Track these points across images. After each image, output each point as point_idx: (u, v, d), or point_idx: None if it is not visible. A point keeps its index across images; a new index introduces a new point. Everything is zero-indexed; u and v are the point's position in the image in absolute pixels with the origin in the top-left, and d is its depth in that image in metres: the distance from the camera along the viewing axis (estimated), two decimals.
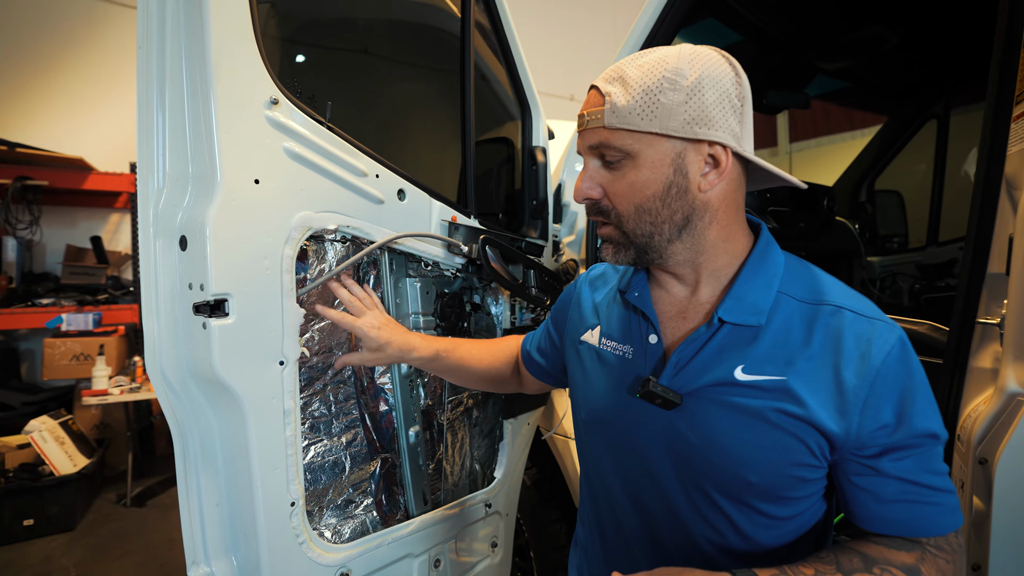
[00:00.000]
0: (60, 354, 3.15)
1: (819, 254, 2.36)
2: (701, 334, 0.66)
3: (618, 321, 0.76)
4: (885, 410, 0.59)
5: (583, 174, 0.67)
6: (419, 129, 1.57)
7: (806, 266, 0.70)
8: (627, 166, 0.64)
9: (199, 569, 0.82)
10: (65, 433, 2.97)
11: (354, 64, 1.35)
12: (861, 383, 0.59)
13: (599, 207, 0.67)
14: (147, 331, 0.81)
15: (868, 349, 0.59)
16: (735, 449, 0.62)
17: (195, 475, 0.83)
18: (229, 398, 0.81)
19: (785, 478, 0.62)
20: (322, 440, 0.99)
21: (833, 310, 0.63)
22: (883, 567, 0.57)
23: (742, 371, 0.63)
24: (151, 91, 0.80)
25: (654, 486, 0.70)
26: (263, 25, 0.90)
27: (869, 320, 0.62)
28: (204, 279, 0.78)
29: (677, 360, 0.67)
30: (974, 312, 0.86)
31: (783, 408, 0.60)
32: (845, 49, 1.91)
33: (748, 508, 0.65)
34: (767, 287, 0.65)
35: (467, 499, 1.26)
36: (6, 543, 2.63)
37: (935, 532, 0.60)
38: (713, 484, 0.65)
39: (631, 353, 0.72)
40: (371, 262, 1.09)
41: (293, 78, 0.97)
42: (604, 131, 0.63)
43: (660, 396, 0.65)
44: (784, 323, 0.63)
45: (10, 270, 3.51)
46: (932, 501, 0.60)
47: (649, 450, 0.70)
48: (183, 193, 0.81)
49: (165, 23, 0.79)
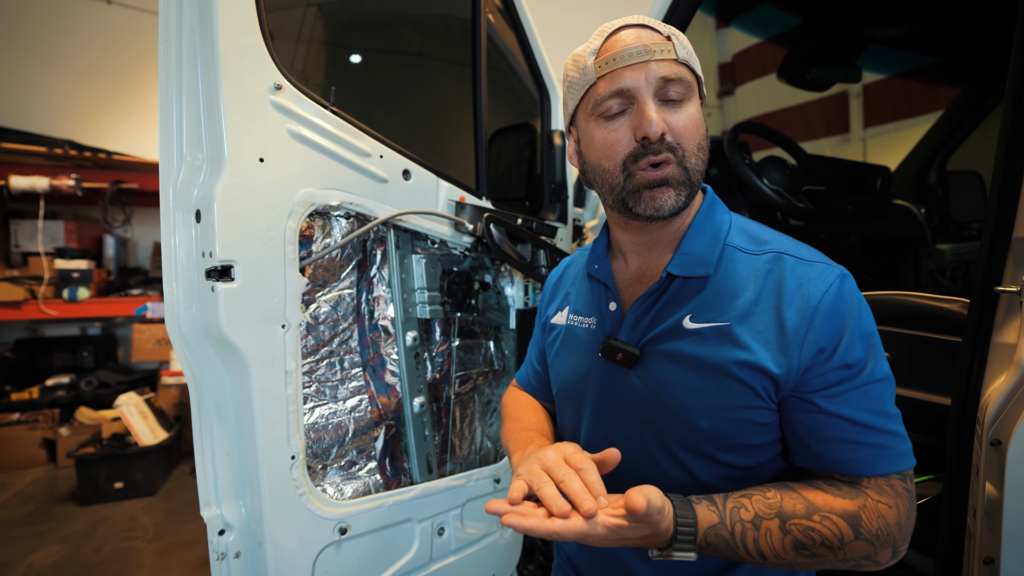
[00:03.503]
0: (145, 338, 3.53)
1: (873, 240, 2.18)
2: (653, 290, 0.68)
3: (584, 297, 0.79)
4: (823, 343, 0.59)
5: (648, 108, 0.62)
6: (443, 117, 1.63)
7: (752, 223, 0.71)
8: (688, 103, 0.64)
9: (211, 510, 0.92)
10: (148, 409, 3.33)
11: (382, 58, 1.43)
12: (801, 321, 0.60)
13: (667, 144, 0.63)
14: (167, 295, 0.91)
15: (807, 290, 0.61)
16: (685, 397, 0.63)
17: (209, 425, 0.93)
18: (236, 356, 0.90)
19: (735, 423, 0.62)
20: (327, 403, 1.06)
21: (775, 256, 0.64)
22: (824, 514, 0.57)
23: (690, 320, 0.64)
24: (170, 81, 0.90)
25: (621, 447, 0.71)
26: (278, 17, 0.99)
27: (810, 263, 0.63)
28: (213, 247, 0.87)
29: (634, 316, 0.69)
30: (997, 281, 0.78)
31: (728, 353, 0.61)
32: (896, 14, 1.75)
33: (706, 458, 0.65)
34: (714, 241, 0.67)
35: (474, 472, 1.29)
36: (102, 502, 3.00)
37: (874, 472, 0.59)
38: (671, 436, 0.66)
39: (594, 324, 0.75)
40: (378, 239, 1.16)
41: (308, 68, 1.05)
42: (676, 64, 0.63)
43: (620, 350, 0.67)
44: (728, 273, 0.65)
45: (109, 264, 3.97)
46: (873, 442, 0.59)
47: (614, 412, 0.71)
48: (199, 172, 0.91)
49: (182, 19, 0.89)
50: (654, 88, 0.63)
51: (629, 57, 0.62)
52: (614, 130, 0.64)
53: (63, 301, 3.51)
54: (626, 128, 0.64)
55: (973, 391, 0.81)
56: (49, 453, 3.53)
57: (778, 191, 1.45)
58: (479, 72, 1.34)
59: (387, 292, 1.16)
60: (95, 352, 4.04)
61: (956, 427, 0.81)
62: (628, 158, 0.64)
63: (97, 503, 2.99)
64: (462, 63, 1.40)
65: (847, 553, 0.57)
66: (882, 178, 2.02)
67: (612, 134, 0.65)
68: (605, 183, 0.67)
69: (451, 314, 1.27)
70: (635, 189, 0.64)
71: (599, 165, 0.67)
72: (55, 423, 3.57)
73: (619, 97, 0.64)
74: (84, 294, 3.56)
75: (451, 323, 1.30)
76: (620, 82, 0.63)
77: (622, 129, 0.64)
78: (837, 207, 1.81)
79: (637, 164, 0.63)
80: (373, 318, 1.15)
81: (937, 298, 1.01)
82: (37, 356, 3.98)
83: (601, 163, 0.67)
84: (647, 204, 0.64)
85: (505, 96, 1.68)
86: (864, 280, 2.12)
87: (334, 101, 1.03)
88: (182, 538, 2.60)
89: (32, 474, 3.40)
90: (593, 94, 0.65)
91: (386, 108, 1.41)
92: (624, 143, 0.64)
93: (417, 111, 1.55)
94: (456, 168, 1.31)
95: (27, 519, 2.80)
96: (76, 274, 3.57)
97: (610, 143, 0.65)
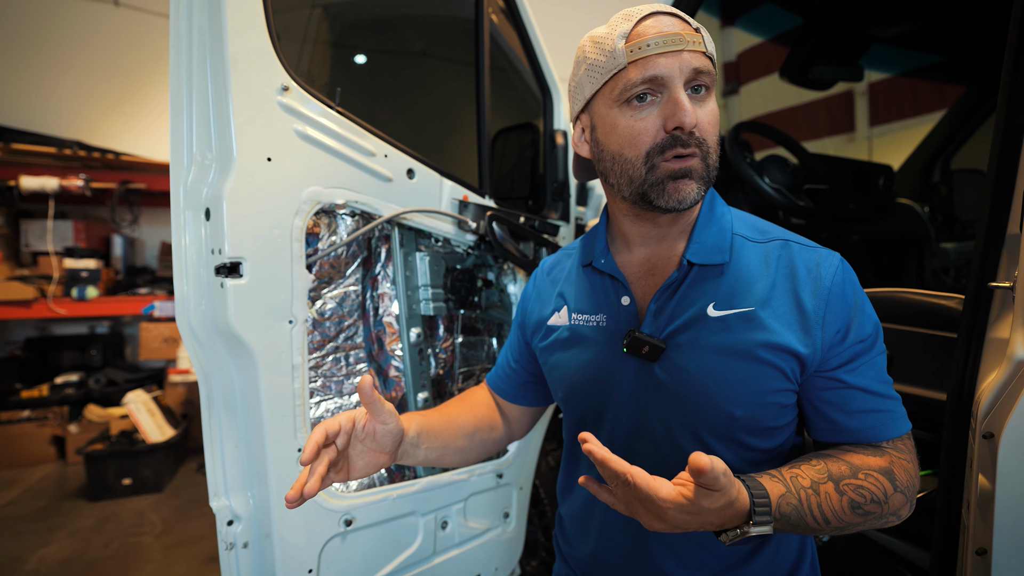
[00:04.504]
0: (153, 337, 3.56)
1: (876, 238, 2.19)
2: (675, 279, 0.68)
3: (586, 294, 0.76)
4: (840, 323, 0.63)
5: (683, 98, 0.60)
6: (447, 116, 1.65)
7: (750, 215, 0.75)
8: (711, 98, 0.64)
9: (220, 501, 0.94)
10: (156, 406, 3.36)
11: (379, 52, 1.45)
12: (818, 303, 0.63)
13: (695, 138, 0.62)
14: (177, 291, 0.93)
15: (819, 273, 0.65)
16: (718, 387, 0.64)
17: (218, 418, 0.95)
18: (244, 351, 0.92)
19: (767, 407, 0.65)
20: (332, 398, 1.08)
21: (782, 243, 0.68)
22: (866, 472, 0.61)
23: (713, 308, 0.66)
24: (180, 82, 0.92)
25: (645, 443, 0.70)
26: (284, 19, 1.01)
27: (813, 248, 0.68)
28: (222, 245, 0.89)
29: (656, 308, 0.68)
30: (992, 276, 0.80)
31: (756, 338, 0.63)
32: (899, 14, 1.75)
33: (737, 445, 0.66)
34: (723, 231, 0.70)
35: (477, 468, 1.31)
36: (111, 498, 3.04)
37: (891, 435, 0.64)
38: (702, 425, 0.66)
39: (605, 320, 0.73)
40: (383, 237, 1.17)
41: (315, 69, 1.07)
42: (704, 57, 0.62)
43: (646, 343, 0.66)
44: (743, 261, 0.68)
45: (116, 264, 4.02)
46: (887, 408, 0.65)
47: (637, 405, 0.69)
48: (208, 171, 0.93)
49: (192, 22, 0.91)
50: (686, 78, 0.61)
51: (665, 44, 0.60)
52: (642, 119, 0.62)
53: (72, 300, 3.55)
54: (655, 117, 0.62)
55: (968, 386, 0.82)
56: (58, 450, 3.57)
57: (779, 189, 1.47)
58: (482, 72, 1.36)
59: (392, 289, 1.18)
60: (103, 350, 4.08)
61: (951, 422, 0.82)
62: (654, 149, 0.62)
63: (106, 499, 3.03)
64: (465, 63, 1.41)
65: (889, 507, 0.60)
66: (884, 177, 2.02)
67: (640, 123, 0.62)
68: (624, 174, 0.65)
69: (454, 311, 1.29)
70: (658, 181, 0.63)
71: (619, 154, 0.65)
72: (64, 420, 3.61)
73: (651, 84, 0.61)
74: (93, 293, 3.60)
75: (454, 320, 1.32)
76: (654, 68, 0.60)
77: (651, 118, 0.62)
78: (839, 205, 1.81)
79: (663, 155, 0.62)
80: (378, 314, 1.17)
81: (936, 295, 1.02)
82: (46, 354, 4.03)
83: (623, 152, 0.64)
84: (671, 196, 0.62)
85: (508, 96, 1.70)
86: (867, 279, 2.12)
87: (339, 101, 1.05)
88: (189, 534, 2.63)
89: (42, 470, 3.44)
90: (622, 79, 0.62)
91: (391, 108, 1.43)
92: (651, 132, 0.62)
93: (421, 110, 1.56)
94: (460, 167, 1.32)
95: (37, 514, 2.85)
96: (85, 273, 3.61)
97: (637, 132, 0.62)
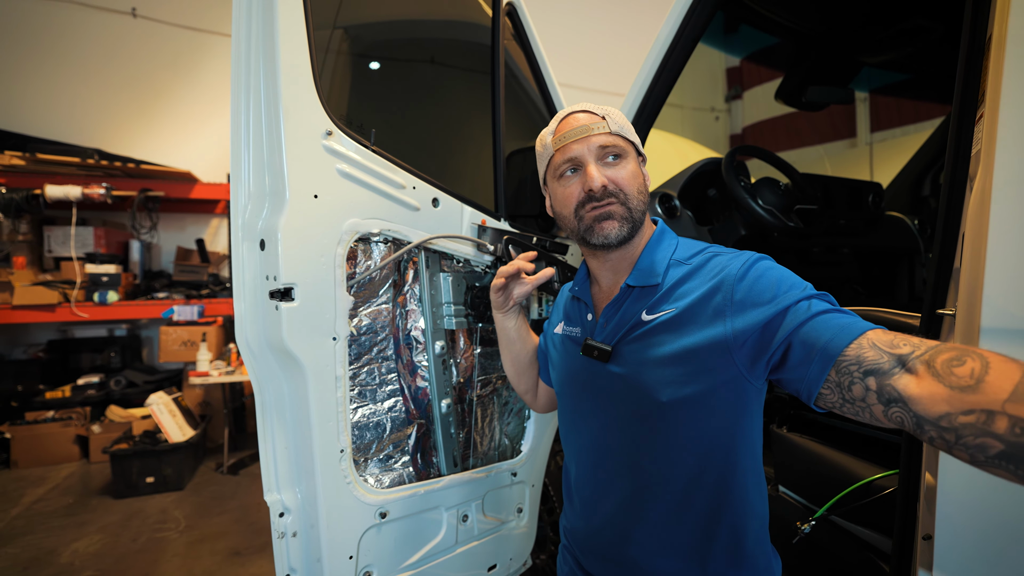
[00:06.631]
0: (172, 340, 3.69)
1: (868, 251, 2.30)
2: (617, 299, 0.88)
3: (573, 312, 1.00)
4: (755, 296, 0.72)
5: (591, 169, 0.84)
6: (465, 143, 1.77)
7: (695, 242, 0.90)
8: (626, 160, 0.87)
9: (272, 495, 1.07)
10: (176, 407, 3.50)
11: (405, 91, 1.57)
12: (727, 290, 0.75)
13: (609, 192, 0.85)
14: (237, 312, 1.06)
15: (728, 270, 0.77)
16: (649, 374, 0.80)
17: (271, 423, 1.08)
18: (295, 364, 1.05)
19: (693, 385, 0.77)
20: (368, 404, 1.21)
21: (708, 255, 0.84)
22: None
23: (646, 313, 0.83)
24: (239, 129, 1.04)
25: (605, 424, 0.89)
26: (325, 69, 1.13)
27: (733, 254, 0.81)
28: (276, 272, 1.02)
29: (604, 320, 0.89)
30: (941, 304, 0.92)
31: (680, 331, 0.78)
32: (887, 42, 1.87)
33: (663, 424, 0.80)
34: (662, 259, 0.87)
35: (494, 467, 1.44)
36: (135, 495, 3.17)
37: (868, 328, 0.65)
38: (643, 406, 0.82)
39: (579, 332, 0.95)
40: (410, 259, 1.30)
41: (351, 112, 1.19)
42: (610, 135, 0.86)
43: (596, 347, 0.87)
44: (673, 278, 0.84)
45: (135, 268, 4.16)
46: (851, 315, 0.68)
47: (598, 398, 0.89)
48: (262, 206, 1.05)
49: (250, 77, 1.04)
50: (595, 154, 0.85)
51: (576, 134, 0.86)
52: (569, 187, 0.87)
53: (93, 304, 3.68)
54: (577, 184, 0.87)
55: None
56: (82, 449, 3.71)
57: (771, 211, 1.58)
58: (498, 102, 1.48)
59: (418, 306, 1.31)
60: (121, 352, 4.22)
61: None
62: (578, 205, 0.86)
63: (130, 496, 3.16)
64: (481, 91, 1.54)
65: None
66: (874, 194, 2.14)
67: (568, 190, 0.88)
68: (567, 226, 0.90)
69: (473, 325, 1.42)
70: (587, 226, 0.86)
71: (561, 213, 0.90)
72: (87, 420, 3.75)
73: (570, 163, 0.87)
74: (113, 297, 3.74)
75: (474, 333, 1.44)
76: (570, 152, 0.86)
77: (574, 186, 0.87)
78: (830, 221, 1.93)
79: (584, 208, 0.86)
80: (406, 329, 1.30)
81: (902, 314, 1.14)
82: (67, 356, 4.17)
83: (563, 211, 0.89)
84: (598, 234, 0.85)
85: (519, 119, 1.82)
86: (855, 291, 2.25)
87: (374, 141, 1.17)
88: (212, 530, 2.76)
89: (67, 469, 3.58)
90: (554, 161, 0.89)
91: (414, 139, 1.56)
92: (576, 195, 0.86)
93: (442, 139, 1.69)
94: (473, 186, 1.44)
95: (67, 510, 2.98)
96: (105, 278, 3.74)
97: (567, 196, 0.88)
